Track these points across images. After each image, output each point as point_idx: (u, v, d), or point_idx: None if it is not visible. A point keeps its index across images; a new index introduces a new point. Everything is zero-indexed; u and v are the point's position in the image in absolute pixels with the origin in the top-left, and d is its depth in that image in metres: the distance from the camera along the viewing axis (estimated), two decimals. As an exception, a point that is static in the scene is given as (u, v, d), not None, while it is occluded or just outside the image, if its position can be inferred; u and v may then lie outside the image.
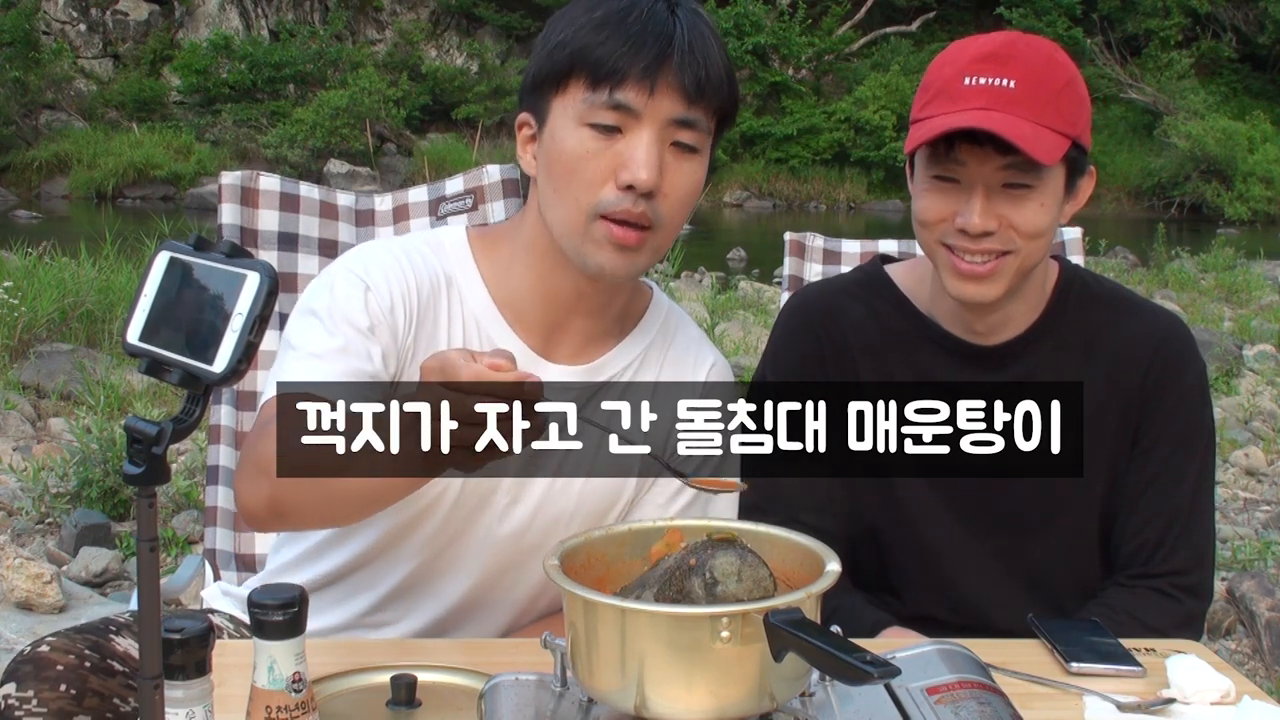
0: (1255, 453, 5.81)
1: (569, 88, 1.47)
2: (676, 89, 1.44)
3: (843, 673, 1.03)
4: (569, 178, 1.47)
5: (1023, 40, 1.63)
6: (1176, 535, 1.74)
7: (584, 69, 1.45)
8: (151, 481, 0.88)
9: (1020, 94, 1.57)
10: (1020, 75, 1.58)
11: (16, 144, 19.49)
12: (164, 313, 0.92)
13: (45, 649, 1.44)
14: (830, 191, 22.26)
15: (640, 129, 1.45)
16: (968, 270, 1.64)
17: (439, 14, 23.75)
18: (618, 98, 1.43)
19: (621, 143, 1.45)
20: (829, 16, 23.95)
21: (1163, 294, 10.33)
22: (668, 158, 1.47)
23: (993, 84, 1.58)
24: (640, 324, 1.67)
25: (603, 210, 1.46)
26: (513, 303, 1.60)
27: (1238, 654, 3.69)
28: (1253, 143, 21.28)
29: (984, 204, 1.60)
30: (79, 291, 7.01)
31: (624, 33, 1.44)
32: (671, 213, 1.49)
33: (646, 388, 1.65)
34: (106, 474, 4.32)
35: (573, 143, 1.46)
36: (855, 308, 1.82)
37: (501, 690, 1.23)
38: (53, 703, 1.39)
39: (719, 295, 9.49)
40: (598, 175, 1.46)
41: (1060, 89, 1.59)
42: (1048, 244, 1.67)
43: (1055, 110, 1.58)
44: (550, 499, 1.62)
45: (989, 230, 1.61)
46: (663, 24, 1.45)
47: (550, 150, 1.50)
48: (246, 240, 2.19)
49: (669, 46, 1.44)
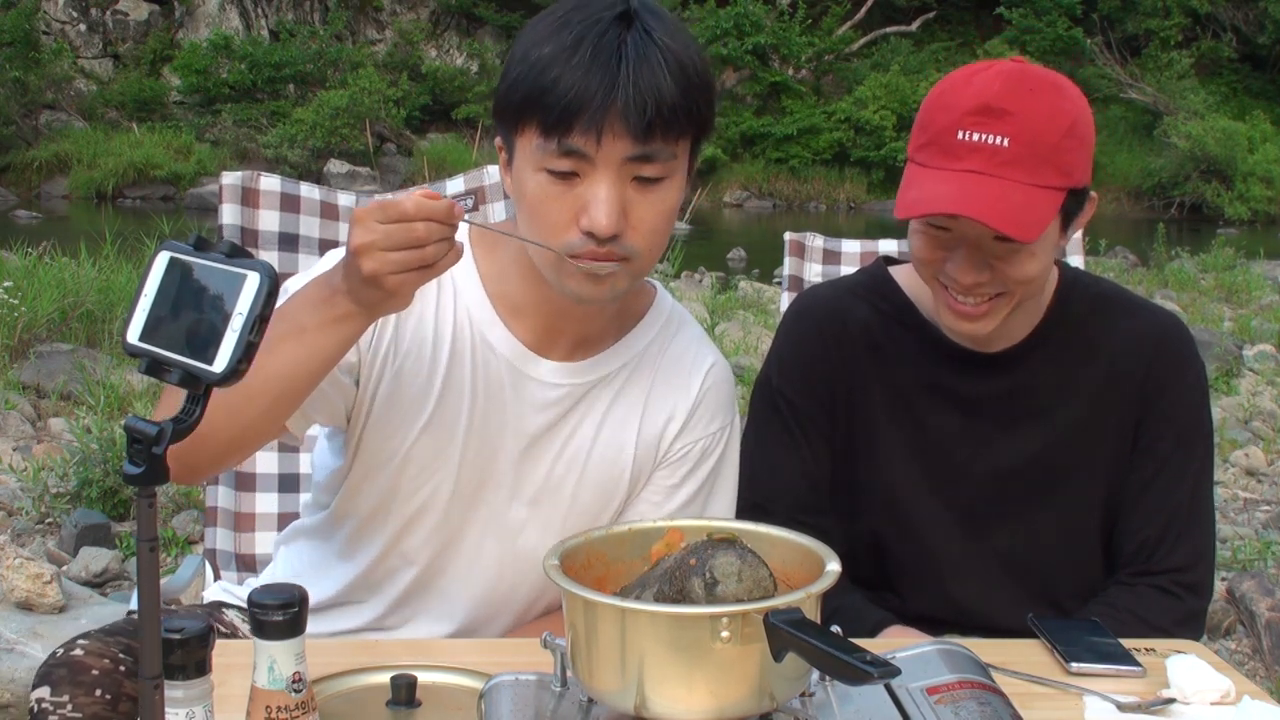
0: (1255, 453, 5.81)
1: (525, 130, 1.45)
2: (624, 133, 1.40)
3: (843, 673, 1.03)
4: (534, 218, 1.47)
5: (1024, 85, 1.55)
6: (1177, 533, 1.75)
7: (535, 115, 1.42)
8: (151, 481, 0.88)
9: (1014, 154, 1.52)
10: (1015, 132, 1.53)
11: (16, 144, 19.48)
12: (164, 313, 0.92)
13: (79, 652, 1.43)
14: (830, 191, 22.24)
15: (596, 173, 1.42)
16: (961, 310, 1.64)
17: (439, 14, 23.74)
18: (568, 144, 1.41)
19: (581, 186, 1.43)
20: (829, 16, 23.94)
21: (1163, 294, 10.33)
22: (631, 194, 1.44)
23: (985, 141, 1.53)
24: (640, 324, 1.67)
25: (570, 252, 1.44)
26: (509, 300, 1.60)
27: (1238, 654, 3.69)
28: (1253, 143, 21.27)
29: (973, 258, 1.59)
30: (79, 291, 7.01)
31: (570, 75, 1.39)
32: (645, 242, 1.47)
33: (642, 389, 1.65)
34: (106, 474, 4.32)
35: (532, 186, 1.46)
36: (860, 310, 1.82)
37: (501, 690, 1.23)
38: (88, 708, 1.38)
39: (719, 295, 9.48)
40: (561, 219, 1.44)
41: (1058, 142, 1.54)
42: (1043, 283, 1.67)
43: (1051, 166, 1.54)
44: (546, 494, 1.62)
45: (979, 282, 1.61)
46: (608, 59, 1.39)
47: (517, 189, 1.50)
48: (247, 240, 2.19)
49: (613, 89, 1.38)
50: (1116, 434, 1.76)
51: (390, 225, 1.28)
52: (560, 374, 1.61)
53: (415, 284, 1.33)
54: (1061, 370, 1.76)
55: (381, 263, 1.29)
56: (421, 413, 1.57)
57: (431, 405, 1.57)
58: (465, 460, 1.58)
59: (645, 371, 1.66)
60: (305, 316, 1.37)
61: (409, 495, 1.59)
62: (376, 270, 1.29)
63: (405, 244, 1.29)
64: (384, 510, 1.61)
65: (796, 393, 1.80)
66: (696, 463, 1.68)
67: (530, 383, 1.60)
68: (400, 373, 1.57)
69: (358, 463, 1.60)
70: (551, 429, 1.61)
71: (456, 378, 1.58)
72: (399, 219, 1.28)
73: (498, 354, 1.59)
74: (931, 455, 1.77)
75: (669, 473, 1.67)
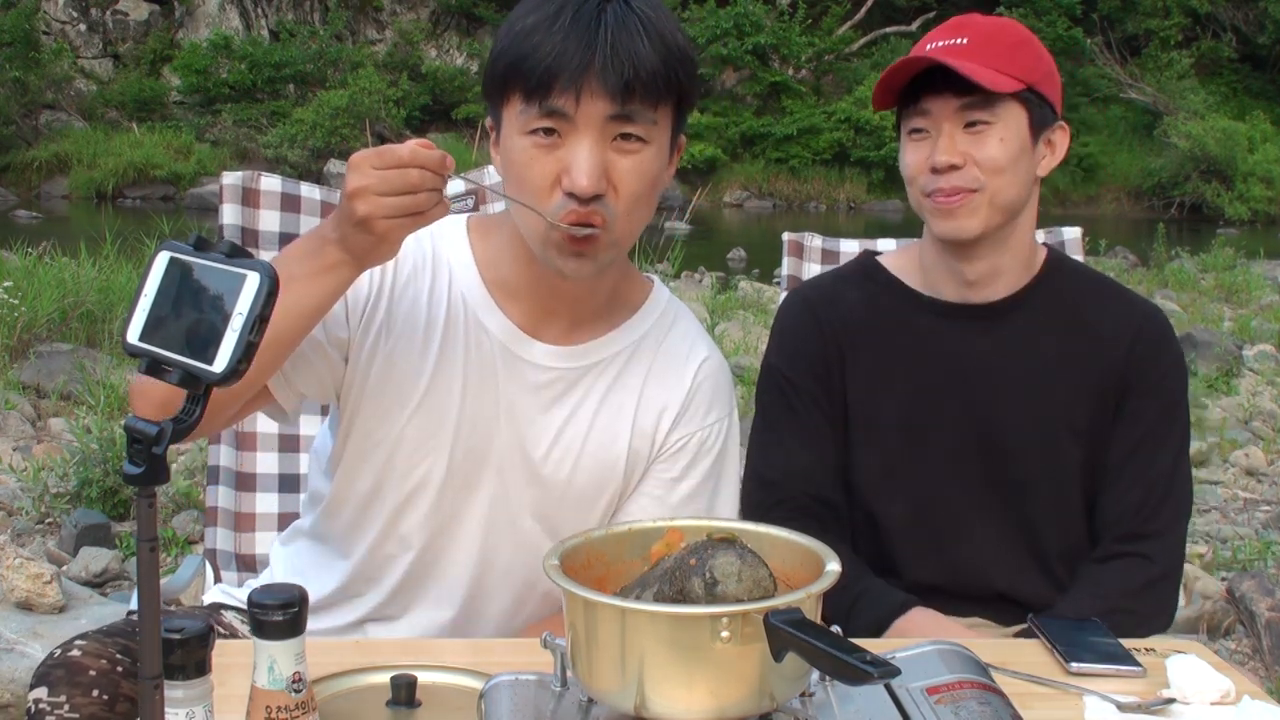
0: (1255, 453, 5.81)
1: (510, 99, 1.50)
2: (602, 92, 1.44)
3: (843, 673, 1.03)
4: (520, 187, 1.50)
5: (980, 15, 1.81)
6: (1159, 498, 1.83)
7: (517, 81, 1.47)
8: (151, 481, 0.88)
9: (972, 47, 1.73)
10: (972, 34, 1.75)
11: (16, 144, 19.50)
12: (164, 313, 0.92)
13: (76, 653, 1.44)
14: (830, 191, 22.26)
15: (577, 134, 1.45)
16: (944, 204, 1.77)
17: (439, 14, 23.75)
18: (549, 105, 1.45)
19: (563, 149, 1.47)
20: (829, 16, 23.96)
21: (1163, 294, 10.33)
22: (612, 155, 1.47)
23: (948, 44, 1.75)
24: (637, 315, 1.69)
25: (553, 217, 1.47)
26: (504, 284, 1.62)
27: (1238, 654, 3.70)
28: (1253, 143, 21.29)
29: (948, 142, 1.75)
30: (79, 291, 7.01)
31: (550, 41, 1.44)
32: (627, 207, 1.49)
33: (637, 379, 1.66)
34: (106, 474, 4.32)
35: (519, 153, 1.49)
36: (852, 293, 1.93)
37: (501, 690, 1.23)
38: (85, 708, 1.39)
39: (719, 295, 9.49)
40: (544, 183, 1.47)
41: (1013, 44, 1.75)
42: (1016, 182, 1.77)
43: (1008, 58, 1.73)
44: (541, 477, 1.63)
45: (954, 164, 1.75)
46: (587, 25, 1.44)
47: (505, 159, 1.53)
48: (247, 240, 2.19)
49: (590, 50, 1.43)
50: (1099, 404, 1.83)
51: (386, 170, 1.33)
52: (553, 357, 1.62)
53: (405, 230, 1.38)
54: (1049, 337, 1.84)
55: (375, 206, 1.34)
56: (414, 393, 1.59)
57: (424, 386, 1.58)
58: (458, 441, 1.60)
59: (641, 361, 1.67)
60: (295, 267, 1.41)
61: (403, 476, 1.61)
62: (369, 213, 1.34)
63: (399, 189, 1.34)
64: (379, 493, 1.62)
65: (796, 372, 1.89)
66: (695, 456, 1.68)
67: (523, 364, 1.61)
68: (393, 354, 1.58)
69: (350, 443, 1.62)
70: (546, 412, 1.62)
71: (449, 359, 1.59)
72: (394, 164, 1.34)
73: (491, 335, 1.60)
74: (926, 416, 1.84)
75: (667, 465, 1.68)
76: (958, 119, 1.74)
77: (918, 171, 1.79)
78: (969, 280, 1.84)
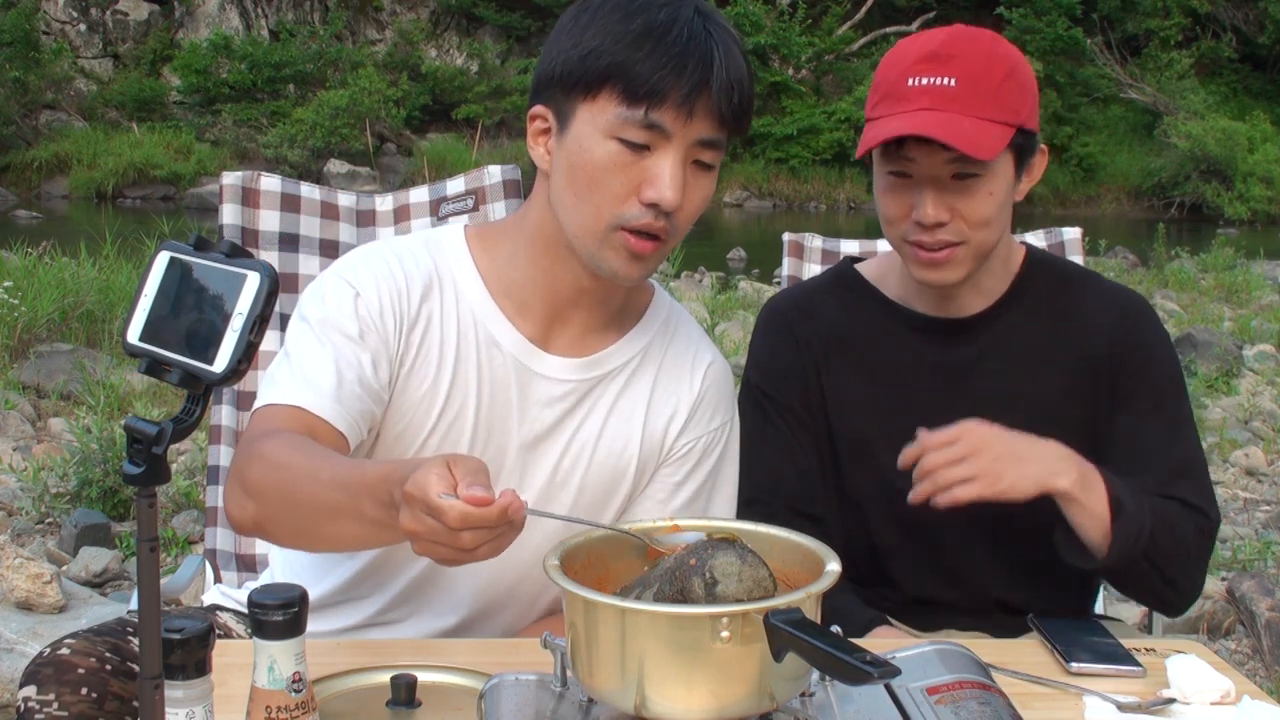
0: (1255, 453, 5.81)
1: (600, 97, 1.46)
2: (712, 115, 1.46)
3: (843, 673, 1.03)
4: (592, 187, 1.48)
5: (964, 36, 1.70)
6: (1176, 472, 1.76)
7: (620, 83, 1.44)
8: (151, 481, 0.88)
9: (960, 91, 1.65)
10: (960, 73, 1.66)
11: (16, 144, 19.48)
12: (164, 313, 0.92)
13: (66, 651, 1.44)
14: (830, 191, 22.24)
15: (668, 149, 1.46)
16: (927, 258, 1.73)
17: (439, 14, 23.74)
18: (653, 118, 1.44)
19: (649, 160, 1.47)
20: (829, 16, 23.94)
21: (1163, 294, 10.33)
22: (687, 175, 1.49)
23: (934, 84, 1.66)
24: (642, 321, 1.69)
25: (623, 223, 1.48)
26: (513, 294, 1.61)
27: (1238, 654, 3.69)
28: (1253, 143, 21.27)
29: (935, 196, 1.69)
30: (79, 291, 7.01)
31: (665, 52, 1.43)
32: (684, 224, 1.52)
33: (645, 385, 1.66)
34: (106, 474, 4.32)
35: (600, 154, 1.47)
36: (828, 305, 1.90)
37: (501, 690, 1.23)
38: (74, 706, 1.39)
39: (719, 295, 9.49)
40: (622, 189, 1.47)
41: (1000, 82, 1.67)
42: (999, 228, 1.75)
43: (996, 103, 1.66)
44: (551, 488, 1.62)
45: (941, 221, 1.69)
46: (703, 46, 1.45)
47: (574, 155, 1.50)
48: (248, 240, 2.19)
49: (709, 71, 1.44)
50: (1091, 393, 1.80)
51: (434, 524, 1.16)
52: (566, 370, 1.62)
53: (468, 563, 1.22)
54: (1031, 336, 1.82)
55: (430, 550, 1.20)
56: (430, 415, 1.58)
57: (439, 406, 1.58)
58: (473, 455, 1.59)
59: (649, 368, 1.67)
60: (367, 505, 1.28)
61: None
62: (426, 554, 1.21)
63: (450, 544, 1.17)
64: None
65: (775, 388, 1.86)
66: (699, 460, 1.69)
67: (536, 379, 1.61)
68: (409, 379, 1.57)
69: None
70: (558, 424, 1.62)
71: (463, 378, 1.58)
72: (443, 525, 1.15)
73: (504, 350, 1.60)
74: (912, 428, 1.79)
75: (673, 470, 1.68)
76: (945, 170, 1.67)
77: (898, 217, 1.72)
78: (949, 296, 1.81)
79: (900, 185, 1.71)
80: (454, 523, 1.13)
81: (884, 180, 1.73)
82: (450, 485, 1.14)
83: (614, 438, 1.64)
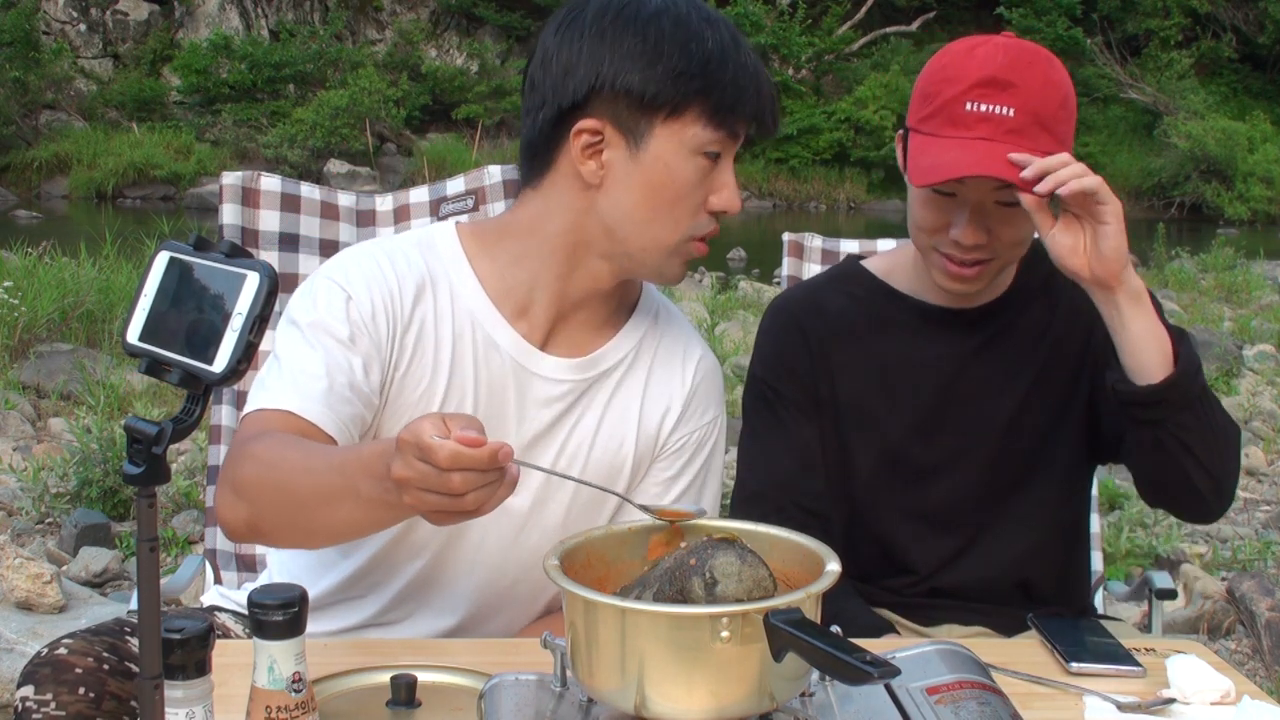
0: (1255, 453, 5.81)
1: (685, 115, 1.50)
2: (766, 122, 1.56)
3: (843, 673, 1.03)
4: (676, 203, 1.53)
5: (1023, 60, 1.66)
6: None
7: (709, 103, 1.50)
8: (151, 481, 0.88)
9: (1019, 123, 1.64)
10: (1019, 104, 1.64)
11: (16, 144, 19.49)
12: (164, 313, 0.92)
13: (63, 651, 1.44)
14: (830, 191, 22.25)
15: (728, 157, 1.55)
16: (956, 271, 1.74)
17: (439, 14, 23.75)
18: (737, 130, 1.53)
19: (714, 170, 1.54)
20: (829, 16, 23.95)
21: (1163, 294, 10.31)
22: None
23: (993, 112, 1.64)
24: (634, 316, 1.70)
25: (696, 234, 1.56)
26: (515, 296, 1.61)
27: (1238, 654, 3.70)
28: (1253, 143, 21.28)
29: (976, 219, 1.69)
30: (79, 291, 7.02)
31: (743, 69, 1.52)
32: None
33: (639, 381, 1.66)
34: (106, 474, 4.32)
35: (688, 171, 1.52)
36: (836, 299, 1.90)
37: (501, 690, 1.23)
38: (71, 706, 1.39)
39: (719, 295, 9.49)
40: (699, 201, 1.54)
41: (1055, 111, 1.66)
42: (1028, 244, 1.77)
43: (1050, 135, 1.65)
44: (548, 491, 1.63)
45: (980, 243, 1.70)
46: (754, 62, 1.54)
47: (656, 173, 1.52)
48: (247, 240, 2.19)
49: (762, 83, 1.54)
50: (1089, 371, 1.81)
51: (426, 467, 1.15)
52: (564, 370, 1.62)
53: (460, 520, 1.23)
54: (1033, 323, 1.84)
55: (420, 500, 1.19)
56: None
57: (436, 410, 1.57)
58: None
59: (642, 364, 1.68)
60: (363, 483, 1.26)
61: None
62: (416, 506, 1.20)
63: (440, 490, 1.16)
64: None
65: (781, 382, 1.86)
66: (692, 454, 1.70)
67: (534, 379, 1.61)
68: (405, 380, 1.57)
69: None
70: (555, 424, 1.62)
71: (460, 378, 1.58)
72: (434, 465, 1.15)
73: (502, 352, 1.60)
74: (923, 419, 1.83)
75: (667, 464, 1.69)
76: (989, 196, 1.67)
77: (934, 228, 1.72)
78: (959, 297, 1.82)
79: (941, 202, 1.70)
80: (444, 462, 1.13)
81: (924, 192, 1.71)
82: (444, 433, 1.14)
83: (610, 435, 1.64)
